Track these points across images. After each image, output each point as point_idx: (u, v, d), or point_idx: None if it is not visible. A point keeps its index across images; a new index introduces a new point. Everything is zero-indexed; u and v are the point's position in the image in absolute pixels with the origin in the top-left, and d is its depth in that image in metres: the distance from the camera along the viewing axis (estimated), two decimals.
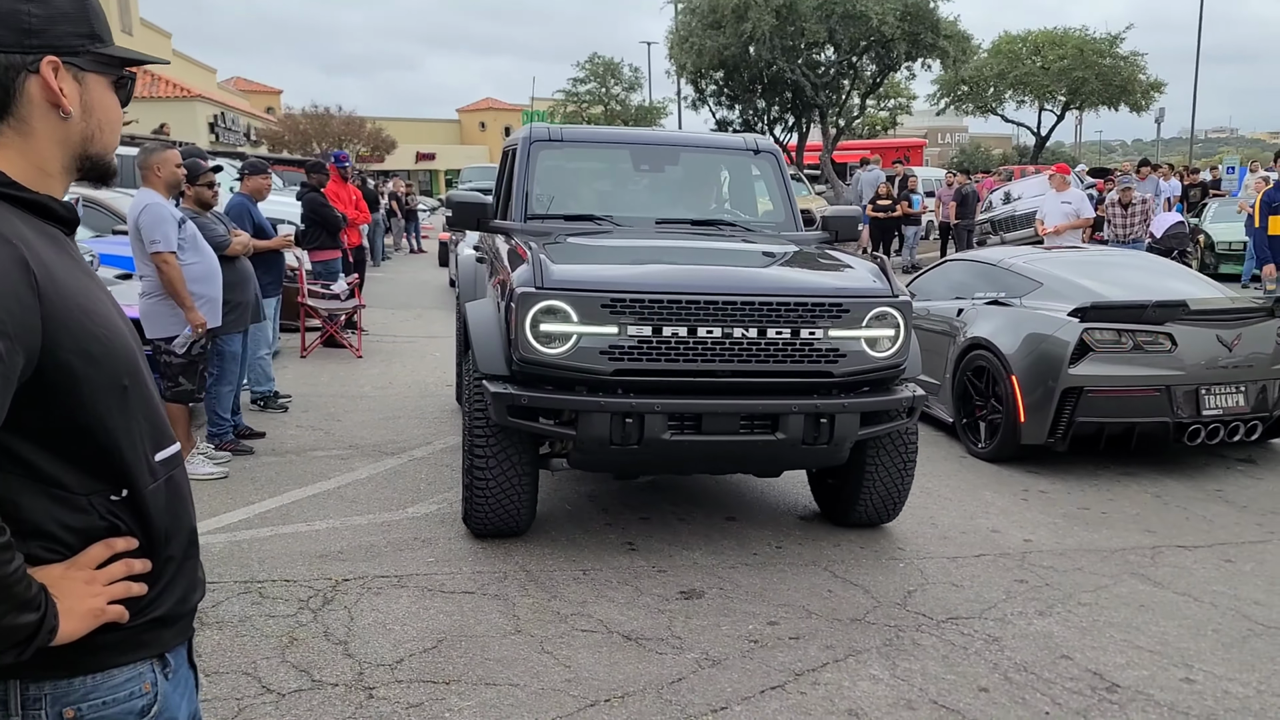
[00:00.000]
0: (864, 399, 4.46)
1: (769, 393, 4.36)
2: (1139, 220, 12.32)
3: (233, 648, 3.75)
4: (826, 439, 4.39)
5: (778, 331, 4.29)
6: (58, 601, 1.31)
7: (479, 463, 4.57)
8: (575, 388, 4.28)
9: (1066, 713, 3.41)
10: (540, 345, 4.22)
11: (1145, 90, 44.03)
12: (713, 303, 4.23)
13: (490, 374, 4.46)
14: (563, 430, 4.33)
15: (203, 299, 5.60)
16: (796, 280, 4.62)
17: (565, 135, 6.09)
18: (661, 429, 4.24)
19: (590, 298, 4.20)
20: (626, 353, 4.21)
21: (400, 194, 24.66)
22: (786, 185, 6.18)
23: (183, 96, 31.65)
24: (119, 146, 1.55)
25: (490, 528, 4.78)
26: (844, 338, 4.39)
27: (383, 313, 13.04)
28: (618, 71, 51.27)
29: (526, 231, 5.30)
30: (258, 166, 7.67)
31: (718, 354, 4.26)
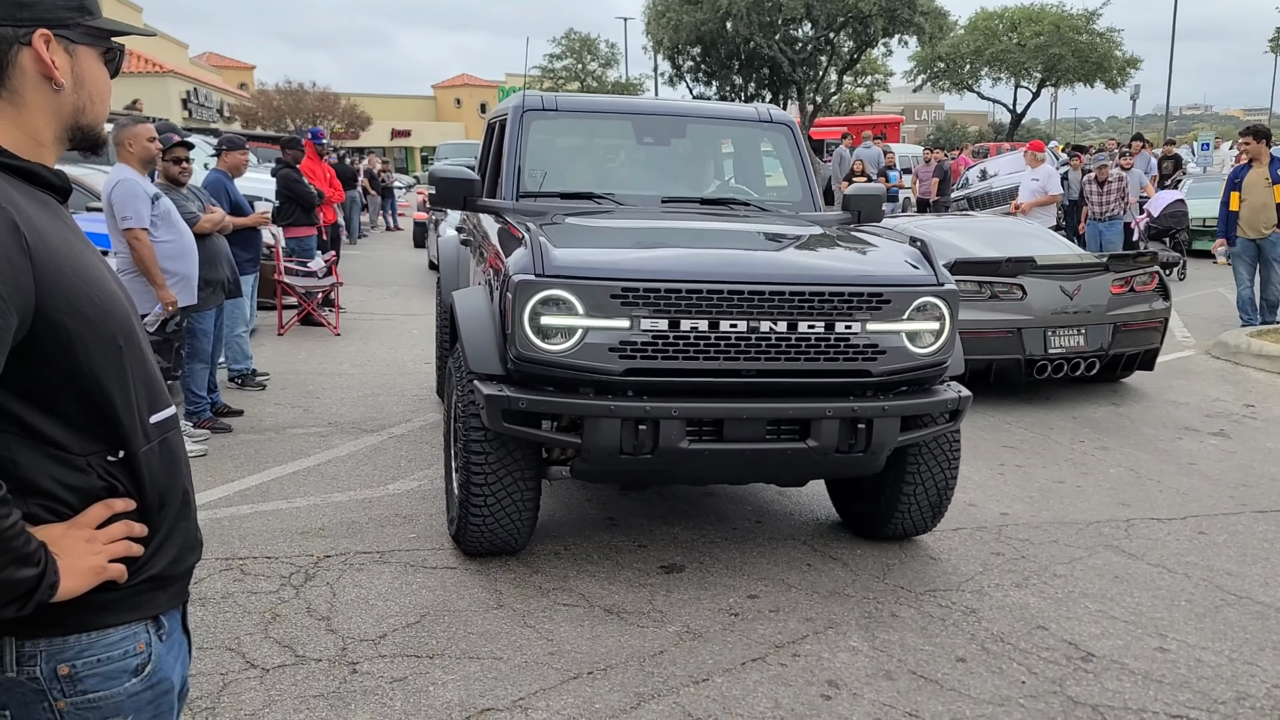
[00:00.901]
0: (905, 401, 3.99)
1: (799, 394, 3.90)
2: (1115, 198, 12.42)
3: (216, 624, 3.75)
4: (863, 446, 3.93)
5: (810, 325, 3.81)
6: (59, 559, 1.34)
7: (477, 477, 4.03)
8: (579, 389, 3.80)
9: (1042, 682, 3.47)
10: (540, 341, 3.72)
11: (1121, 67, 44.29)
12: (737, 292, 3.74)
13: (482, 373, 3.96)
14: (566, 438, 3.84)
15: (176, 276, 5.55)
16: (830, 267, 4.11)
17: (560, 105, 5.53)
18: (679, 436, 3.77)
19: (598, 287, 3.70)
20: (639, 349, 3.72)
21: (375, 171, 24.46)
22: (804, 159, 5.65)
23: (155, 72, 31.21)
24: None
25: (487, 548, 4.30)
26: (884, 332, 3.91)
27: (360, 290, 12.96)
28: (594, 47, 50.98)
29: (519, 211, 4.84)
30: (236, 142, 7.58)
31: (742, 351, 3.79)
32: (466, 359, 4.04)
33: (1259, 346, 8.97)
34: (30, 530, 1.32)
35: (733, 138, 5.97)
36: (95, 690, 1.41)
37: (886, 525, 4.57)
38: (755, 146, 5.92)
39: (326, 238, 11.31)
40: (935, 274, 4.05)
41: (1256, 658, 3.66)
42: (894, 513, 4.49)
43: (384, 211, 24.95)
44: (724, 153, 6.07)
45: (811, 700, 3.32)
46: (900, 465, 4.36)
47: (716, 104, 6.16)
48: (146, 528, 1.45)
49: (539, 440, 3.92)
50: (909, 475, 4.38)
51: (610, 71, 51.97)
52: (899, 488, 4.42)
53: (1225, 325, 10.54)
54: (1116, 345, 7.49)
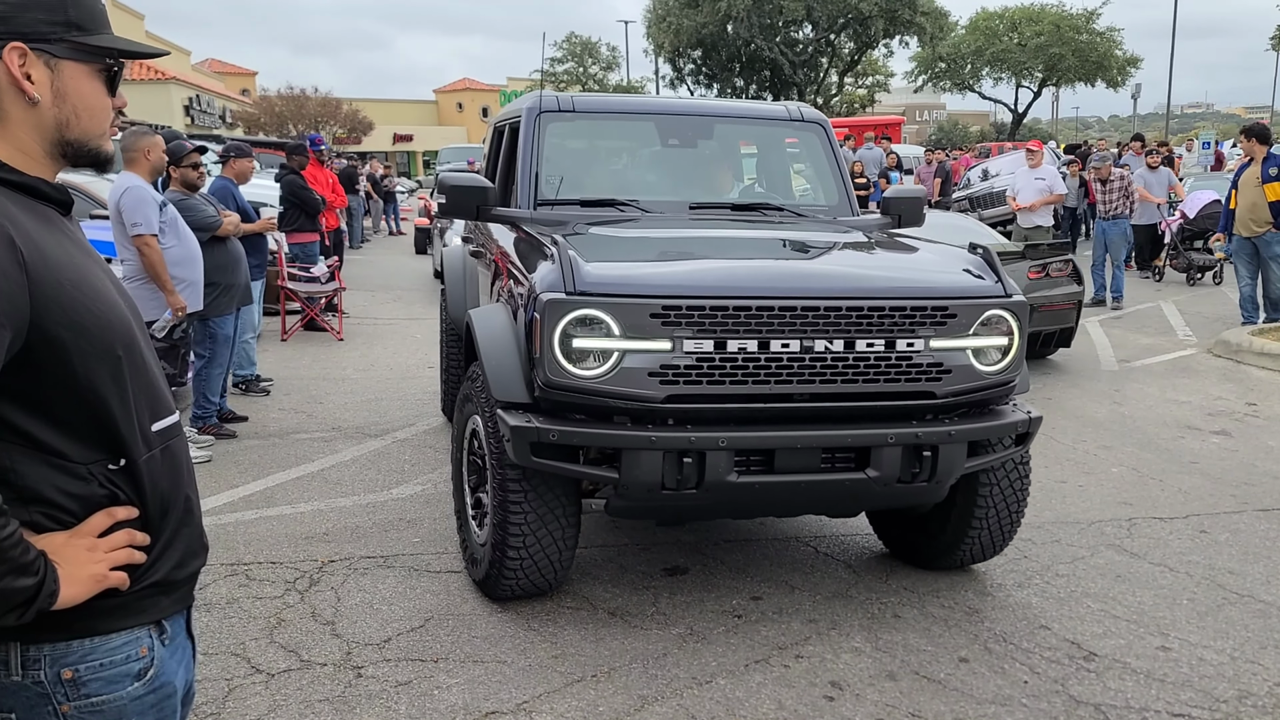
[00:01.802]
0: (972, 424, 3.67)
1: (856, 420, 3.58)
2: (1118, 196, 12.41)
3: (221, 629, 3.77)
4: (928, 475, 3.60)
5: (869, 343, 3.49)
6: (59, 567, 1.36)
7: (516, 518, 3.66)
8: (614, 418, 3.48)
9: (1045, 681, 3.48)
10: (571, 365, 3.38)
11: (1121, 66, 44.29)
12: (789, 309, 3.41)
13: (506, 401, 3.59)
14: (601, 473, 3.50)
15: (183, 283, 5.58)
16: (889, 279, 3.72)
17: (578, 105, 5.13)
18: (726, 469, 3.42)
19: (636, 305, 3.36)
20: (682, 374, 3.38)
21: (378, 175, 24.51)
22: (839, 161, 5.32)
23: (157, 79, 31.28)
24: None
25: (523, 593, 3.94)
26: (949, 349, 3.59)
27: (363, 295, 13.00)
28: (595, 51, 51.04)
29: (537, 221, 4.48)
30: (243, 150, 7.63)
31: (795, 373, 3.46)
32: (489, 386, 3.67)
33: (1260, 345, 8.97)
34: (31, 539, 1.33)
35: (762, 138, 5.64)
36: (98, 694, 1.43)
37: (949, 556, 4.25)
38: (786, 148, 5.66)
39: (330, 243, 11.34)
40: (1003, 285, 3.74)
41: (1259, 656, 3.67)
42: (960, 543, 4.15)
43: (386, 216, 25.01)
44: (753, 155, 5.76)
45: (815, 701, 3.34)
46: (970, 492, 4.03)
47: (744, 103, 5.91)
48: (148, 536, 1.46)
49: (571, 475, 3.61)
50: (979, 503, 4.04)
51: (611, 75, 52.04)
52: (968, 517, 4.07)
53: (1227, 324, 10.54)
54: (1034, 325, 7.92)
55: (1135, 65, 44.16)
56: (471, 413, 4.02)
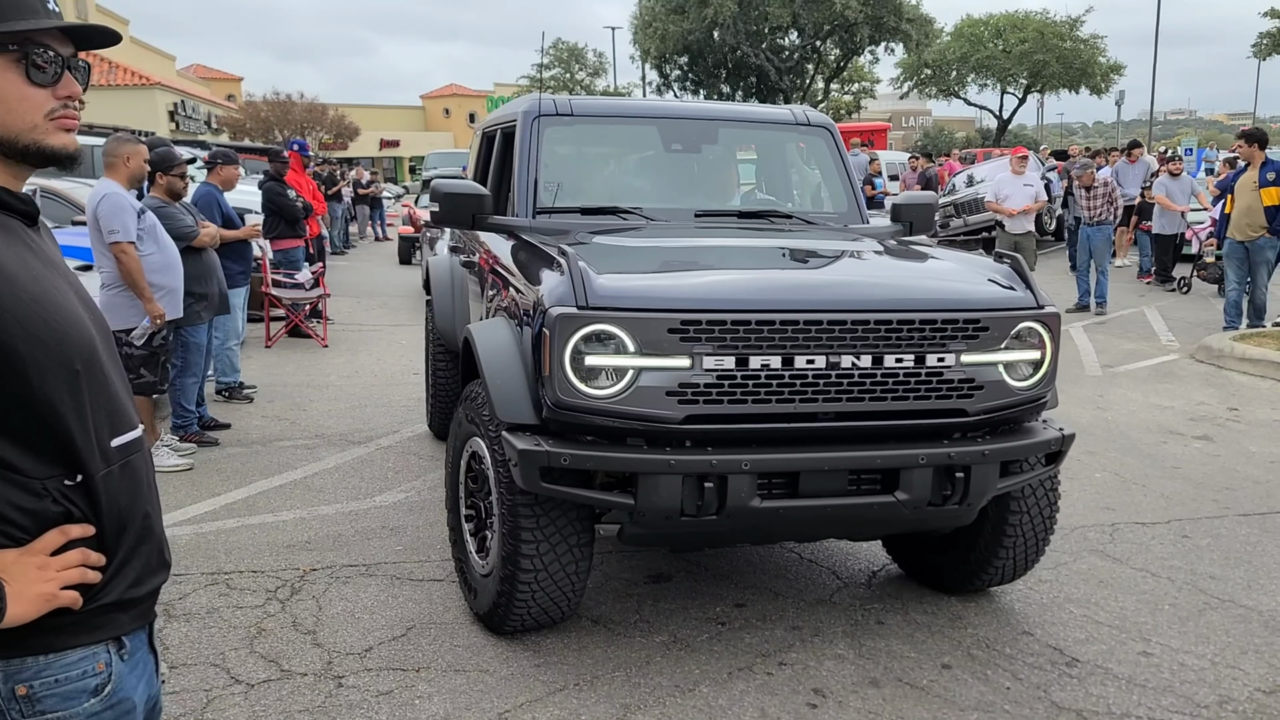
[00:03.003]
0: (1006, 443, 3.49)
1: (884, 439, 3.41)
2: (1102, 202, 12.49)
3: (200, 639, 3.74)
4: (960, 497, 3.42)
5: (898, 358, 3.31)
6: (8, 585, 1.33)
7: (528, 547, 3.44)
8: (627, 440, 3.30)
9: (1027, 687, 3.48)
10: (583, 384, 3.19)
11: (1105, 73, 44.60)
12: (815, 323, 3.23)
13: (512, 423, 3.39)
14: (617, 499, 3.28)
15: (162, 290, 5.54)
16: (917, 289, 3.56)
17: (576, 108, 4.92)
18: (749, 494, 3.24)
19: (653, 320, 3.16)
20: (701, 392, 3.19)
21: (363, 181, 24.46)
22: (847, 166, 5.15)
23: (141, 85, 31.16)
24: (83, 137, 1.54)
25: (533, 625, 3.74)
26: (981, 364, 3.41)
27: (348, 301, 12.96)
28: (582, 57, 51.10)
29: (538, 230, 4.32)
30: (230, 156, 7.59)
31: (820, 390, 3.28)
32: (493, 406, 3.45)
33: (1242, 350, 9.03)
34: None
35: (768, 142, 5.50)
36: (54, 710, 1.40)
37: (975, 579, 4.10)
38: (793, 152, 5.54)
39: (313, 250, 11.31)
40: (1034, 295, 3.56)
41: (1239, 661, 3.68)
42: (988, 567, 4.00)
43: (373, 222, 24.95)
44: (762, 158, 5.61)
45: (797, 709, 3.33)
46: (999, 513, 3.87)
47: (749, 106, 5.73)
48: (104, 556, 1.44)
49: (583, 502, 3.39)
50: (1008, 525, 3.88)
51: (598, 81, 52.11)
52: (997, 539, 3.91)
53: (1209, 329, 10.61)
54: None
55: (1118, 72, 44.49)
56: (471, 434, 3.80)
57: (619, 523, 3.48)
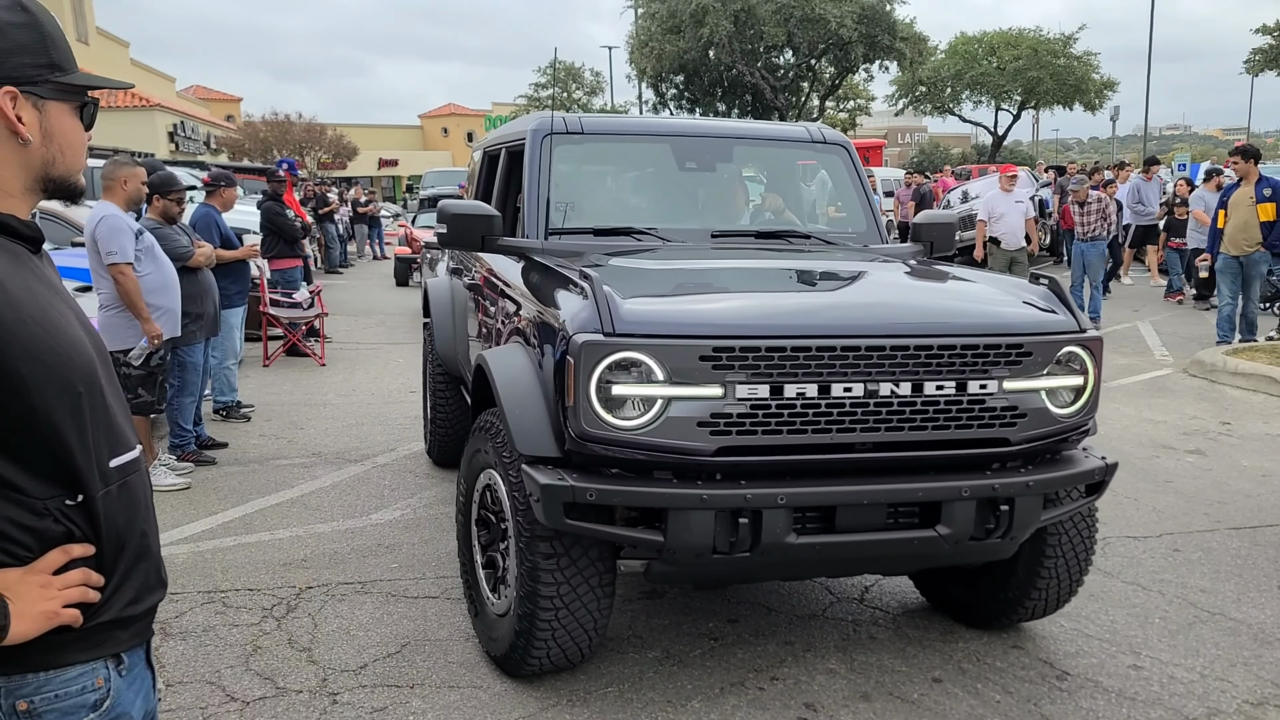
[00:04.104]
0: (1050, 474, 3.33)
1: (924, 471, 3.26)
2: (1096, 218, 12.57)
3: (196, 657, 3.76)
4: (1003, 531, 3.27)
5: (939, 385, 3.17)
6: (11, 603, 1.37)
7: (547, 587, 3.27)
8: (654, 473, 3.14)
9: (1017, 701, 3.51)
10: (610, 415, 3.02)
11: (1099, 89, 44.81)
12: (853, 349, 3.09)
13: (533, 456, 3.23)
14: (645, 535, 3.12)
15: (160, 310, 5.59)
16: (958, 314, 3.39)
17: (587, 126, 4.80)
18: (785, 529, 3.09)
19: (684, 347, 3.01)
20: (734, 423, 3.04)
21: (361, 200, 24.57)
22: (864, 185, 5.04)
23: (141, 106, 31.29)
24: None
25: (551, 668, 3.55)
26: (1024, 390, 3.27)
27: (346, 320, 13.00)
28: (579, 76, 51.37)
29: (550, 252, 4.18)
30: (229, 179, 7.67)
31: (858, 420, 3.13)
32: (512, 438, 3.28)
33: (1235, 364, 9.07)
34: None
35: (783, 161, 5.40)
36: None
37: (1010, 615, 3.95)
38: (810, 171, 5.38)
39: None
40: (1075, 319, 3.43)
41: (1228, 674, 3.71)
42: (1023, 602, 3.85)
43: (370, 241, 25.04)
44: (778, 177, 5.49)
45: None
46: (1036, 546, 3.72)
47: (763, 124, 5.60)
48: (103, 577, 1.47)
49: (610, 540, 3.22)
50: (1046, 558, 3.73)
51: (595, 99, 52.37)
52: (1034, 573, 3.76)
53: (1202, 343, 10.66)
54: None
55: (1112, 88, 44.71)
56: (486, 465, 3.63)
57: (645, 559, 3.30)
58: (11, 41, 1.44)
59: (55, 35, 1.50)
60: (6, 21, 1.44)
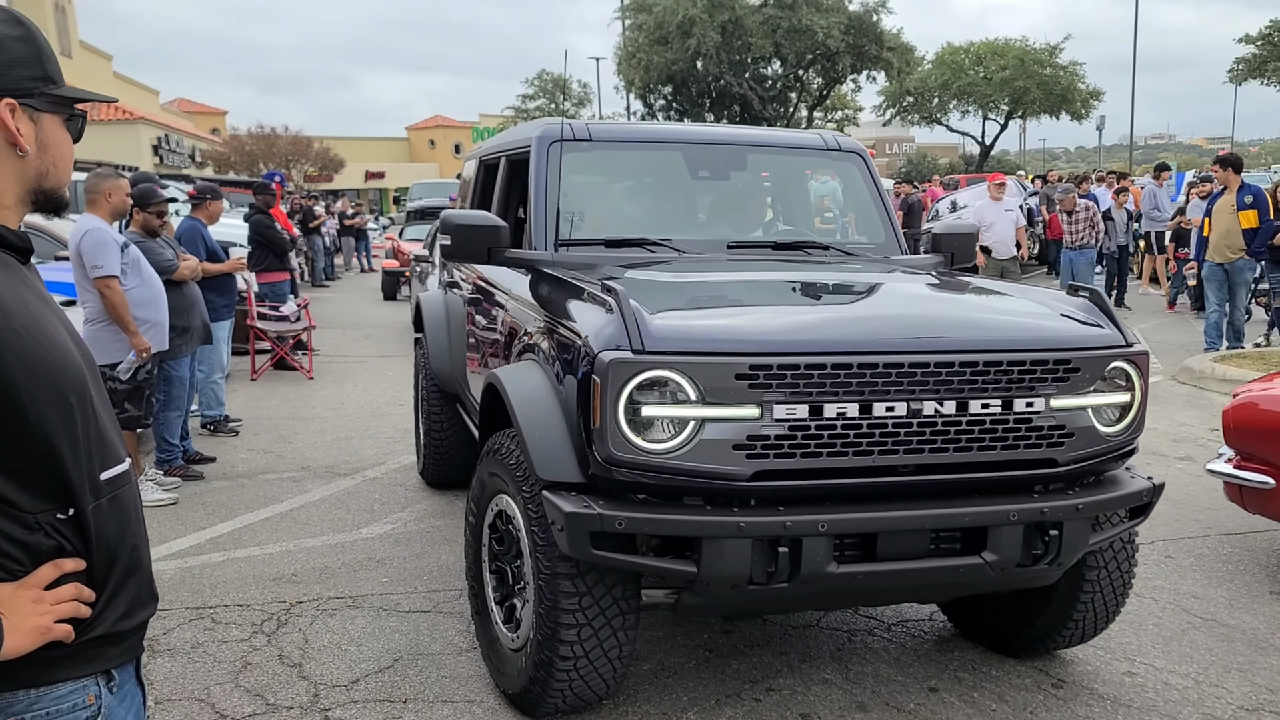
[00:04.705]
0: (1098, 496, 3.19)
1: (969, 494, 3.10)
2: (1084, 226, 12.64)
3: (185, 674, 3.72)
4: (1051, 557, 3.12)
5: (984, 404, 3.01)
6: (4, 618, 1.36)
7: (568, 620, 3.06)
8: (683, 498, 2.97)
9: (1013, 709, 3.50)
10: (639, 438, 2.85)
11: (1084, 99, 45.14)
12: (895, 366, 2.94)
13: (554, 481, 3.04)
14: (677, 566, 2.93)
15: (147, 323, 5.55)
16: (1003, 328, 3.23)
17: (595, 133, 4.59)
18: (825, 558, 2.92)
19: (719, 365, 2.85)
20: (772, 445, 2.87)
21: (347, 213, 24.54)
22: (881, 195, 4.86)
23: (125, 119, 31.22)
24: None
25: (570, 708, 3.35)
26: (1071, 409, 3.13)
27: (334, 333, 12.96)
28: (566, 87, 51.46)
29: (561, 264, 4.02)
30: (216, 192, 7.65)
31: (901, 441, 2.97)
32: (531, 463, 3.08)
33: (1223, 371, 9.11)
34: None
35: (797, 169, 5.25)
36: None
37: (1047, 642, 3.78)
38: (825, 179, 5.18)
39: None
40: (1121, 333, 3.29)
41: (1222, 679, 3.71)
42: (1061, 629, 3.68)
43: (358, 254, 25.01)
44: (793, 186, 5.30)
45: None
46: (1076, 570, 3.53)
47: (777, 131, 5.44)
48: (94, 592, 1.46)
49: (639, 571, 3.03)
50: (1087, 583, 3.56)
51: (584, 111, 52.48)
52: (1073, 599, 3.58)
53: (1191, 351, 10.70)
54: None
55: (1098, 98, 45.06)
56: (499, 491, 3.44)
57: (673, 588, 3.12)
58: (10, 54, 1.45)
59: (47, 48, 1.51)
60: (5, 35, 1.44)
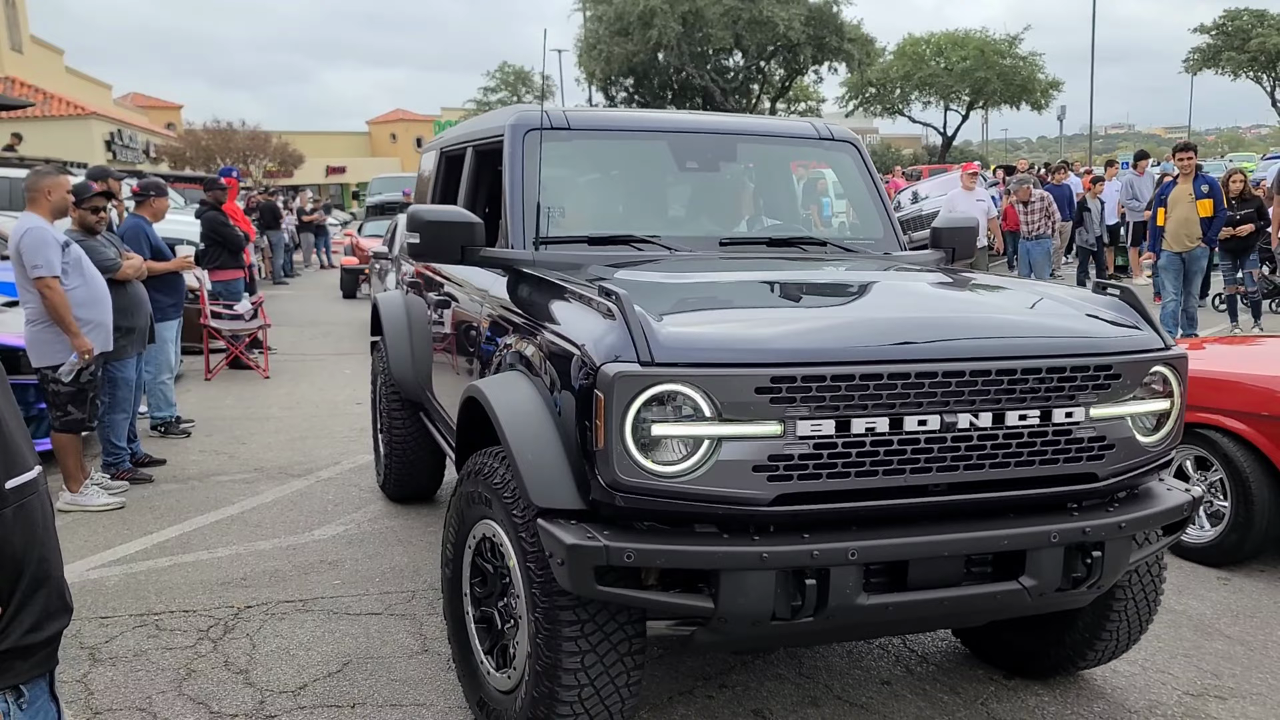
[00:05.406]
0: (1138, 512, 2.95)
1: (1005, 513, 2.83)
2: (1039, 216, 12.74)
3: (127, 683, 3.64)
4: (1094, 579, 2.88)
5: (1022, 415, 2.76)
6: None
7: (571, 662, 2.75)
8: (695, 526, 2.67)
9: (965, 701, 3.51)
10: (648, 460, 2.56)
11: (1044, 89, 45.62)
12: (928, 375, 2.67)
13: (551, 509, 2.72)
14: (692, 602, 2.64)
15: (90, 324, 5.43)
16: (1039, 332, 2.95)
17: (573, 121, 4.24)
18: (855, 589, 2.65)
19: (738, 377, 2.56)
20: (796, 465, 2.60)
21: (306, 209, 24.27)
22: (878, 186, 4.58)
23: (77, 115, 30.65)
24: (8, 169, 1.54)
25: None
26: (1110, 418, 2.88)
27: (291, 330, 12.80)
28: (528, 79, 51.22)
29: (543, 264, 3.70)
30: (161, 188, 7.46)
31: (935, 458, 2.71)
32: (525, 487, 2.75)
33: None
34: None
35: (788, 159, 4.98)
36: None
37: (1072, 663, 3.55)
38: (817, 170, 4.93)
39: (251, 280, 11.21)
40: (1160, 335, 3.03)
41: (1168, 665, 3.75)
42: (1089, 650, 3.46)
43: (317, 250, 24.75)
44: (786, 178, 5.03)
45: None
46: (1107, 592, 3.30)
47: (767, 119, 5.13)
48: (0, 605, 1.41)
49: (650, 608, 2.75)
50: (1118, 600, 3.34)
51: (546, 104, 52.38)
52: (1102, 618, 3.37)
53: None
54: None
55: (1057, 88, 45.57)
56: (482, 517, 3.12)
57: (687, 626, 2.83)
58: None
59: None
60: None
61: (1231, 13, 45.05)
